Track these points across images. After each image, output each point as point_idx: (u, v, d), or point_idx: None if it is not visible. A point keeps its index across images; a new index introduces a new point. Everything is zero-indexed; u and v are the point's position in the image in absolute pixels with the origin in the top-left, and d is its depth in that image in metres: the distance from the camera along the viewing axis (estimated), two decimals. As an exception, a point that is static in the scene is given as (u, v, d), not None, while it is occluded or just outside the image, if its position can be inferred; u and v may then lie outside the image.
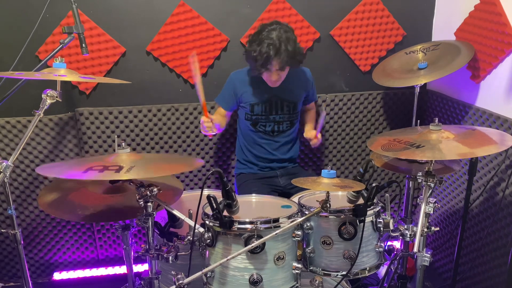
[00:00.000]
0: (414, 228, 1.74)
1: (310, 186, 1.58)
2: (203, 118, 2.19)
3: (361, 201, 1.63)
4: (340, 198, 1.82)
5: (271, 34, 2.14)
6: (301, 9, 2.56)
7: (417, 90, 2.36)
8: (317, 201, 1.55)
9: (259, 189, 2.34)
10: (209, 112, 2.43)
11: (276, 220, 1.53)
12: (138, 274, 1.99)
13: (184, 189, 2.04)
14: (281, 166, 2.49)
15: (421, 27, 2.72)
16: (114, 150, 1.65)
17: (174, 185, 1.93)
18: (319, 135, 2.38)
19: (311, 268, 1.69)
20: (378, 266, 1.72)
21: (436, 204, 1.70)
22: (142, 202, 1.56)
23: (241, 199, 1.65)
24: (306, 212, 1.62)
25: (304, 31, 2.59)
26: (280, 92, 2.35)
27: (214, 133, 2.30)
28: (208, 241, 1.54)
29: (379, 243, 1.70)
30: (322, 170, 1.59)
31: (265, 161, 2.47)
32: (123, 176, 1.40)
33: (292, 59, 2.17)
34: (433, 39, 2.73)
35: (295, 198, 1.90)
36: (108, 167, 1.45)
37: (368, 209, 1.61)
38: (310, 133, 2.42)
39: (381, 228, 1.69)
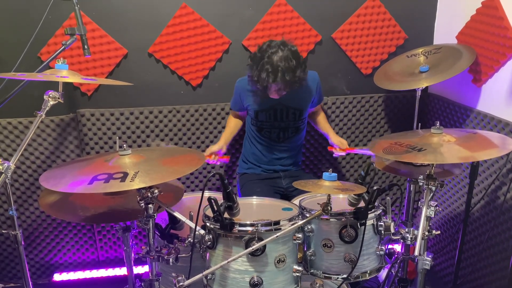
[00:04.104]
0: (415, 232, 1.74)
1: (311, 189, 1.58)
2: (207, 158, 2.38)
3: (362, 204, 1.63)
4: (341, 201, 1.82)
5: (272, 59, 2.10)
6: (303, 12, 2.56)
7: (419, 93, 2.35)
8: (318, 203, 1.55)
9: (262, 189, 2.34)
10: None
11: (277, 223, 1.53)
12: (138, 276, 1.99)
13: (185, 191, 2.04)
14: (284, 169, 2.50)
15: (422, 31, 2.72)
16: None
17: (175, 186, 1.93)
18: (348, 152, 2.46)
19: (311, 271, 1.68)
20: (378, 270, 1.72)
21: (437, 207, 1.70)
22: (143, 204, 1.56)
23: (242, 201, 1.65)
24: (307, 215, 1.62)
25: (306, 33, 2.59)
26: (285, 100, 2.33)
27: (224, 153, 2.46)
28: (209, 243, 1.54)
29: (380, 246, 1.70)
30: (323, 173, 1.59)
31: (269, 164, 2.47)
32: (129, 185, 1.39)
33: (290, 86, 2.16)
34: (434, 43, 2.73)
35: (296, 201, 1.90)
36: (112, 175, 1.45)
37: (369, 212, 1.61)
38: (341, 143, 2.45)
39: (382, 231, 1.69)
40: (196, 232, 1.54)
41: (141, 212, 1.59)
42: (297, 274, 1.58)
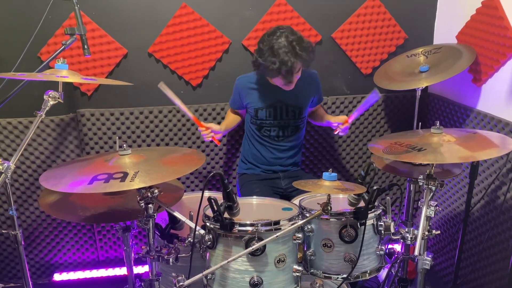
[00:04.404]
0: (415, 231, 1.74)
1: (311, 189, 1.58)
2: (200, 129, 2.30)
3: (362, 204, 1.63)
4: (341, 201, 1.82)
5: (281, 41, 2.10)
6: (303, 12, 2.56)
7: (419, 93, 2.36)
8: (318, 203, 1.55)
9: (261, 190, 2.34)
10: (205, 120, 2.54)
11: (277, 223, 1.53)
12: (138, 276, 2.00)
13: (185, 191, 2.04)
14: (283, 169, 2.49)
15: (422, 30, 2.72)
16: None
17: (175, 186, 1.93)
18: (351, 121, 2.32)
19: (311, 270, 1.68)
20: (378, 269, 1.72)
21: (437, 207, 1.70)
22: (143, 204, 1.56)
23: (242, 201, 1.65)
24: (307, 215, 1.62)
25: (306, 33, 2.59)
26: (284, 97, 2.33)
27: (219, 138, 2.38)
28: (209, 243, 1.54)
29: (379, 246, 1.70)
30: (323, 173, 1.59)
31: (269, 164, 2.47)
32: (128, 185, 1.40)
33: (309, 57, 2.15)
34: (434, 42, 2.73)
35: (296, 201, 1.90)
36: (112, 174, 1.45)
37: (369, 212, 1.61)
38: (339, 118, 2.38)
39: (382, 231, 1.69)
40: (196, 232, 1.54)
41: (141, 212, 1.60)
42: (297, 274, 1.58)
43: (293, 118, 2.40)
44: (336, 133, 2.40)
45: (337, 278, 1.65)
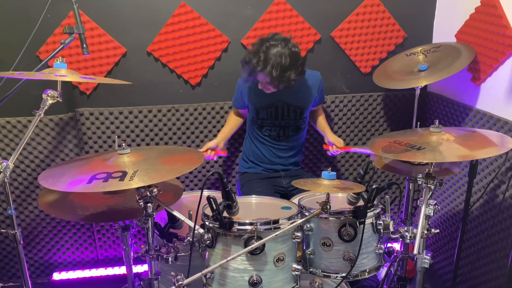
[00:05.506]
0: (414, 230, 1.74)
1: (310, 188, 1.58)
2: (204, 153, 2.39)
3: (361, 203, 1.63)
4: (340, 200, 1.82)
5: (271, 53, 2.09)
6: (302, 11, 2.56)
7: (418, 92, 2.36)
8: (317, 202, 1.55)
9: (262, 189, 2.34)
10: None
11: (276, 222, 1.53)
12: (137, 275, 2.00)
13: (184, 190, 2.04)
14: (285, 168, 2.50)
15: (421, 29, 2.72)
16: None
17: (174, 185, 1.93)
18: (343, 150, 2.42)
19: (311, 269, 1.69)
20: (378, 268, 1.72)
21: (436, 206, 1.71)
22: (142, 203, 1.56)
23: (241, 200, 1.65)
24: (306, 214, 1.62)
25: (305, 32, 2.59)
26: (287, 97, 2.33)
27: (222, 152, 2.49)
28: (208, 242, 1.54)
29: (379, 245, 1.70)
30: (323, 172, 1.59)
31: (270, 163, 2.47)
32: (127, 184, 1.39)
33: (277, 83, 2.14)
34: (433, 41, 2.73)
35: (295, 200, 1.90)
36: (111, 174, 1.45)
37: (368, 211, 1.61)
38: (338, 141, 2.44)
39: (381, 230, 1.69)
40: (195, 231, 1.54)
41: (140, 211, 1.59)
42: (296, 273, 1.58)
43: (294, 118, 2.40)
44: (327, 150, 2.50)
45: (336, 277, 1.65)
